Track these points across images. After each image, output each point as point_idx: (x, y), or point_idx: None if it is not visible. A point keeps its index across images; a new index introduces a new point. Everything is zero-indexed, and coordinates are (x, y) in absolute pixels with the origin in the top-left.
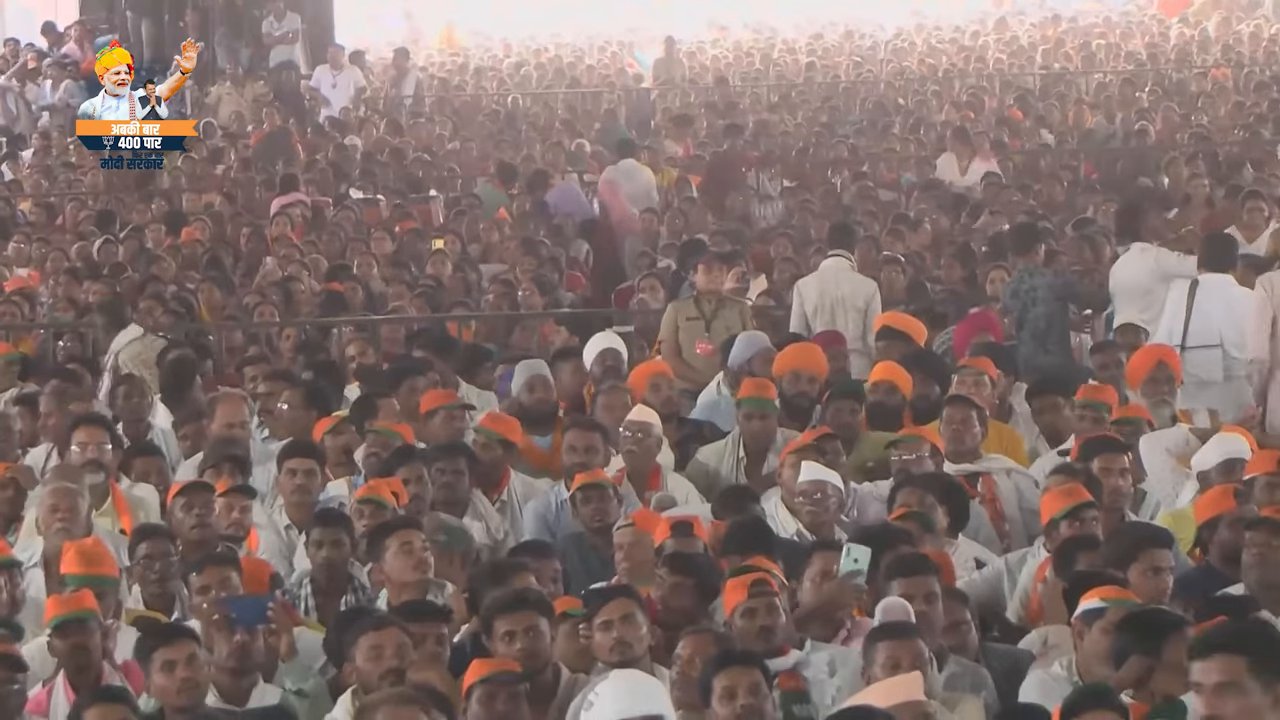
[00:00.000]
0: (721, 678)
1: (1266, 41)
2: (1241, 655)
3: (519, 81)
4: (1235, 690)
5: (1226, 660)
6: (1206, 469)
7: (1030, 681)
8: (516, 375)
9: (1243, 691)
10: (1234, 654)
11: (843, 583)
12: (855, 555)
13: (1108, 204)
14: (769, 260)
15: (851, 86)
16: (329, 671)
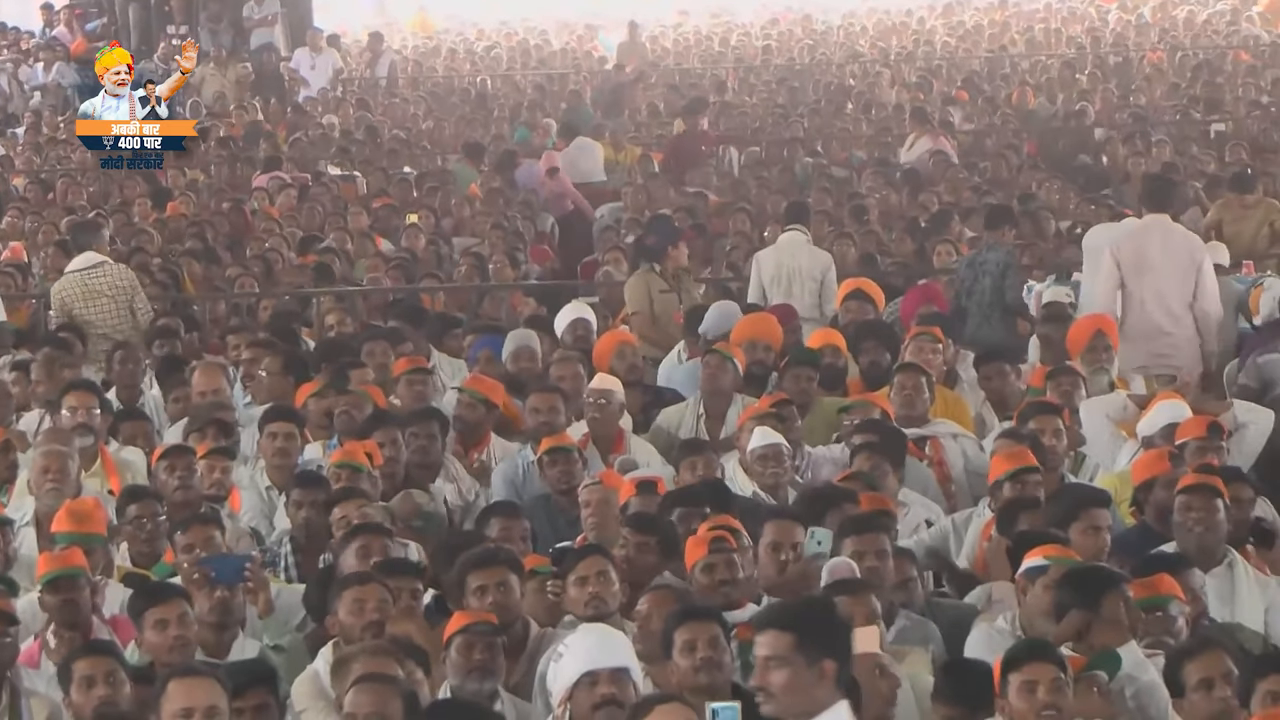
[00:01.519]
0: (682, 631)
1: (1200, 26)
2: (790, 632)
3: (489, 63)
4: (781, 664)
5: (774, 636)
6: (1151, 434)
7: (975, 635)
8: (506, 344)
9: (788, 665)
10: (782, 630)
11: (807, 566)
12: (819, 538)
13: (1050, 181)
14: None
15: (806, 69)
16: (306, 627)
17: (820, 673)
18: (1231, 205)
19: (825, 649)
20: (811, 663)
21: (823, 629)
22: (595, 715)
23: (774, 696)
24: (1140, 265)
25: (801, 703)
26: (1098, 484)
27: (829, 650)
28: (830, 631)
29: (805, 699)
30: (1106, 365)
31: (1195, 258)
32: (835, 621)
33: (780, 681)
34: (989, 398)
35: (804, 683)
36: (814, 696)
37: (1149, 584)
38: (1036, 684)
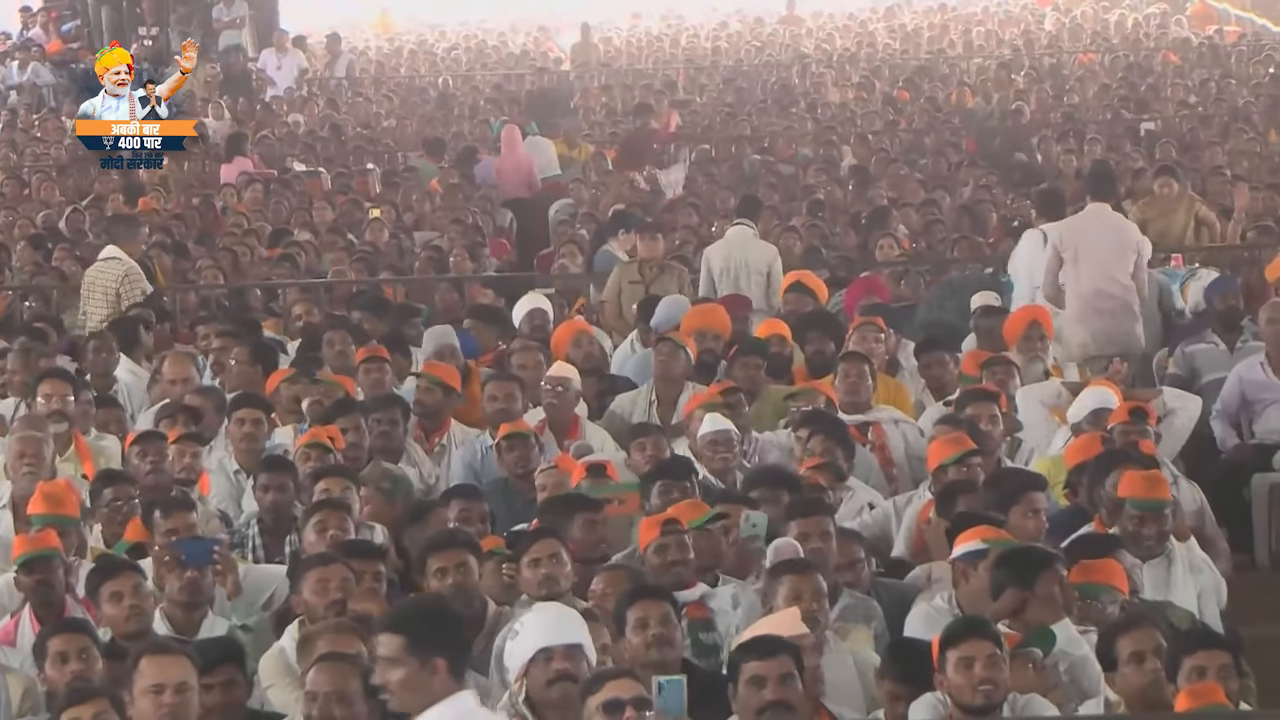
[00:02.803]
0: (635, 609)
1: (1130, 29)
2: (399, 634)
3: (449, 64)
4: (394, 664)
5: (388, 638)
6: (1079, 419)
7: (915, 613)
8: (425, 342)
9: (402, 665)
10: (393, 633)
11: (744, 546)
12: (754, 521)
13: (987, 177)
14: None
15: (753, 69)
16: (272, 606)
17: (433, 670)
18: (1156, 202)
19: (435, 648)
20: (423, 662)
21: (431, 629)
22: (550, 690)
23: (394, 694)
24: (1080, 252)
25: (418, 699)
26: (1033, 468)
27: (439, 649)
28: (439, 630)
29: (421, 695)
30: (1041, 354)
31: (1132, 242)
32: (446, 621)
33: (396, 680)
34: (929, 385)
35: (418, 680)
36: (430, 692)
37: (1090, 569)
38: (973, 660)
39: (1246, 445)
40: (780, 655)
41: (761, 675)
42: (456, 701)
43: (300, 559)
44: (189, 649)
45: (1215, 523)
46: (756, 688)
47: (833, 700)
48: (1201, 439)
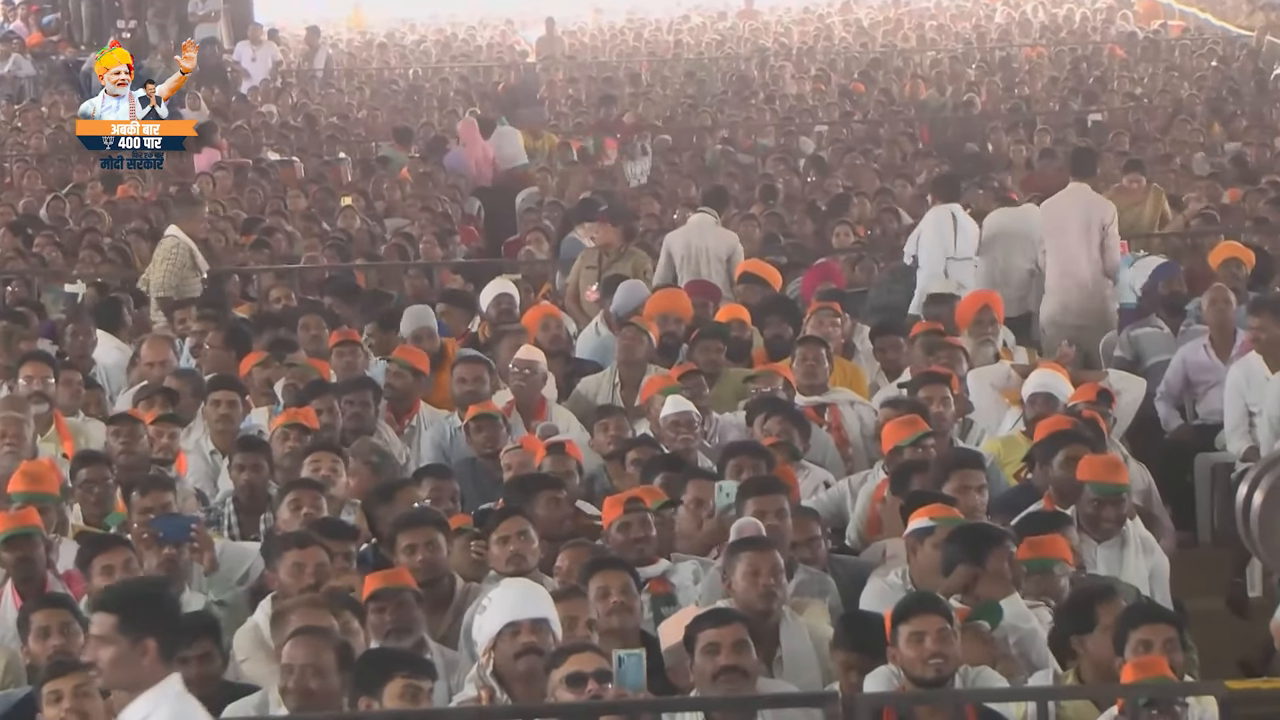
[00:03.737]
0: (596, 579)
1: (1079, 22)
2: (112, 613)
3: (419, 56)
4: (105, 642)
5: (101, 617)
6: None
7: (869, 588)
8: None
9: (112, 643)
10: (106, 611)
11: (722, 518)
12: (727, 490)
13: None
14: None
15: (714, 62)
16: (247, 582)
17: (143, 650)
18: (1124, 194)
19: (146, 629)
20: (134, 642)
21: (145, 610)
22: (517, 663)
23: (102, 671)
24: (1057, 227)
25: (126, 677)
26: (983, 448)
27: (150, 629)
28: (153, 612)
29: (130, 674)
30: (991, 337)
31: (1103, 220)
32: (160, 602)
33: (106, 658)
34: (883, 367)
35: (127, 659)
36: (139, 672)
37: (1037, 544)
38: (924, 634)
39: (1189, 426)
40: (734, 623)
41: (716, 642)
42: (166, 686)
43: (277, 537)
44: None
45: (1160, 502)
46: (712, 654)
47: (789, 671)
48: (1146, 420)
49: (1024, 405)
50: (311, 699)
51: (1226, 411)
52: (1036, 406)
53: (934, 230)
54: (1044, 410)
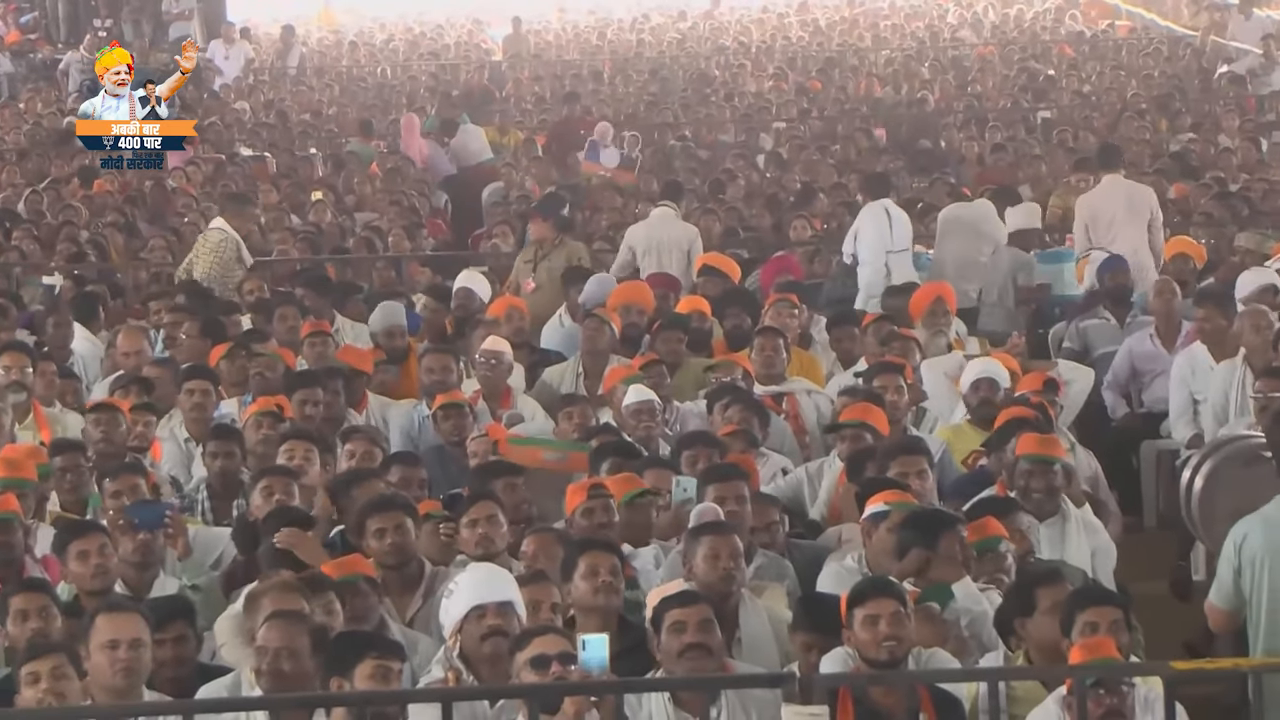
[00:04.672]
0: (586, 558)
1: (1029, 22)
2: None
3: (388, 55)
4: None
5: None
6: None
7: (826, 572)
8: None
9: None
10: None
11: (678, 510)
12: (684, 486)
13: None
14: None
15: (675, 60)
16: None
17: None
18: (1073, 190)
19: None
20: None
21: None
22: (483, 645)
23: None
24: (1107, 218)
25: None
26: (936, 435)
27: None
28: None
29: None
30: (944, 328)
31: (1150, 204)
32: None
33: None
34: (839, 357)
35: None
36: None
37: (980, 527)
38: (878, 617)
39: (1136, 414)
40: (700, 603)
41: (682, 621)
42: None
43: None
44: (142, 607)
45: (1108, 487)
46: (678, 633)
47: (748, 652)
48: (1094, 408)
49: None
50: (285, 680)
51: (1171, 400)
52: (980, 392)
53: (871, 227)
54: (987, 395)
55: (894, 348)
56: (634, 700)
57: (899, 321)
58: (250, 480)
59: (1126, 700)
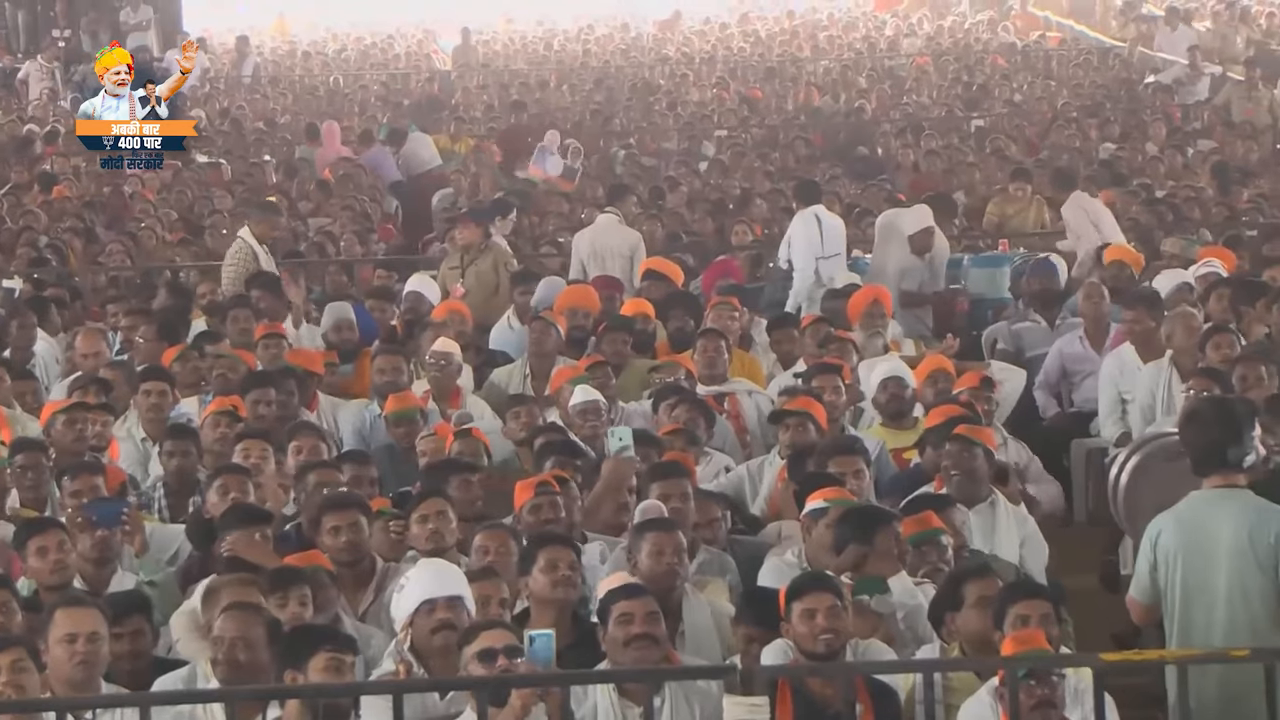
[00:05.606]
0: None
1: (963, 34)
2: None
3: (340, 64)
4: None
5: None
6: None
7: (766, 567)
8: (325, 316)
9: None
10: None
11: (617, 459)
12: (619, 435)
13: (833, 169)
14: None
15: (620, 70)
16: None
17: None
18: (1012, 200)
19: None
20: None
21: None
22: (433, 638)
23: None
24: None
25: None
26: (871, 434)
27: None
28: None
29: None
30: (881, 329)
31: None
32: None
33: None
34: (779, 358)
35: None
36: None
37: (919, 520)
38: (816, 611)
39: (1066, 413)
40: (646, 596)
41: (629, 612)
42: None
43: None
44: (100, 601)
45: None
46: (625, 624)
47: (691, 645)
48: (1026, 408)
49: (875, 392)
50: (240, 671)
51: (1100, 399)
52: (888, 390)
53: (802, 233)
54: (895, 393)
55: (832, 349)
56: (579, 691)
57: (837, 323)
58: (207, 479)
59: (1057, 691)
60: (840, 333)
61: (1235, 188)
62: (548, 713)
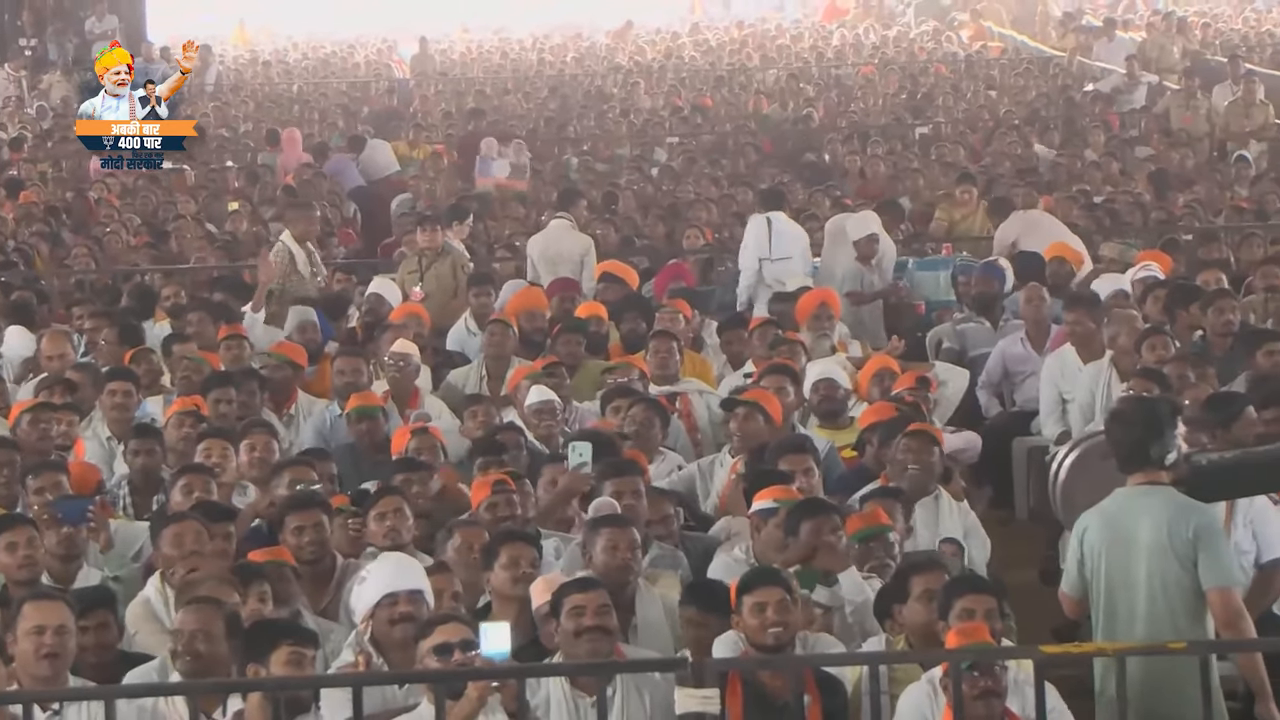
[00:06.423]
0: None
1: (908, 44)
2: None
3: (301, 72)
4: None
5: None
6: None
7: (716, 562)
8: (288, 319)
9: None
10: None
11: (574, 474)
12: (579, 450)
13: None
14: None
15: (574, 78)
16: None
17: None
18: (958, 205)
19: None
20: None
21: None
22: (393, 630)
23: None
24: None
25: None
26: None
27: None
28: None
29: None
30: (828, 331)
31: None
32: None
33: None
34: (729, 359)
35: None
36: None
37: (868, 516)
38: (766, 605)
39: (1008, 412)
40: (598, 589)
41: (582, 605)
42: None
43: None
44: (68, 595)
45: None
46: (577, 616)
47: (644, 638)
48: (969, 407)
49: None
50: (200, 662)
51: (1041, 399)
52: (820, 392)
53: (752, 235)
54: (827, 394)
55: (782, 350)
56: (533, 682)
57: (785, 325)
58: (170, 478)
59: (1000, 682)
60: (790, 334)
61: (1172, 193)
62: (503, 704)
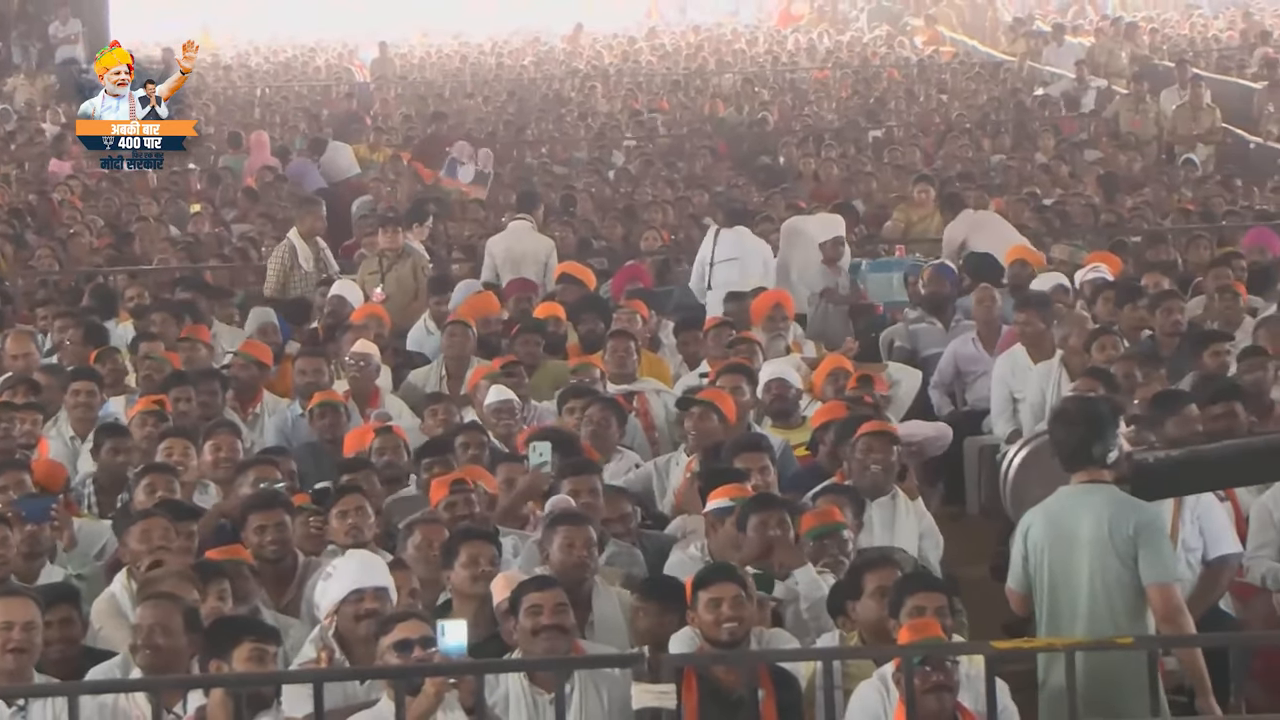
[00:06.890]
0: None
1: (861, 48)
2: None
3: (262, 76)
4: None
5: None
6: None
7: (672, 559)
8: (249, 320)
9: None
10: None
11: (535, 473)
12: (540, 450)
13: (737, 178)
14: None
15: (532, 82)
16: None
17: None
18: (916, 206)
19: None
20: None
21: None
22: (358, 626)
23: None
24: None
25: None
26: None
27: None
28: None
29: None
30: (783, 332)
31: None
32: None
33: None
34: (685, 359)
35: None
36: None
37: (822, 514)
38: (721, 601)
39: (960, 412)
40: (555, 588)
41: (539, 604)
42: None
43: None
44: (34, 592)
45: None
46: (535, 614)
47: (600, 634)
48: (921, 406)
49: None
50: (159, 655)
51: (992, 398)
52: (772, 392)
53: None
54: (779, 393)
55: (740, 350)
56: (492, 679)
57: (740, 325)
58: (134, 476)
59: (952, 676)
60: (745, 334)
61: (1120, 196)
62: (460, 700)
